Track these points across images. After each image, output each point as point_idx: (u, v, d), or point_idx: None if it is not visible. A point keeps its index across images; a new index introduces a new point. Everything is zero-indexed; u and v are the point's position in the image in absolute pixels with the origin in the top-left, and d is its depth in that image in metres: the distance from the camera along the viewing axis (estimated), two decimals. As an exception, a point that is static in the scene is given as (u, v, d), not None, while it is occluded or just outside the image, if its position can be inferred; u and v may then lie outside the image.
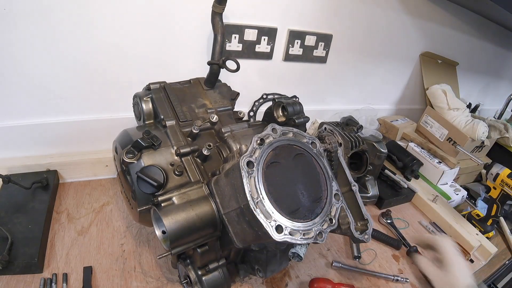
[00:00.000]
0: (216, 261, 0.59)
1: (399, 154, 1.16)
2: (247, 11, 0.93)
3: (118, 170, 0.62)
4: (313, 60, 1.12)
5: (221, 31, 0.72)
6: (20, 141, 0.84)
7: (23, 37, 0.73)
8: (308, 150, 0.51)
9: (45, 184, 0.79)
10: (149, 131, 0.58)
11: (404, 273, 0.79)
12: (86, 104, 0.87)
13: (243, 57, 0.99)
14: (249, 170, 0.44)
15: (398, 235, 0.90)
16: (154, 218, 0.55)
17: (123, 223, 0.79)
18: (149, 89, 0.67)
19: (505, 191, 0.94)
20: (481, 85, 1.77)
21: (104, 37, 0.80)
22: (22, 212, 0.72)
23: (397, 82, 1.43)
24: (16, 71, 0.76)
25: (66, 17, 0.74)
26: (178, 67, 0.92)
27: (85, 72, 0.82)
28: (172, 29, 0.86)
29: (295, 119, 0.68)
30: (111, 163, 0.90)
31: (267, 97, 1.11)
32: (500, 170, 0.94)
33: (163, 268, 0.69)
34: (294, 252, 0.58)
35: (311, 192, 0.48)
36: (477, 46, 1.51)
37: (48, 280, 0.62)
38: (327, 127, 0.80)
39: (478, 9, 1.31)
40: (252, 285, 0.70)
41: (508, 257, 0.93)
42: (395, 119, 1.37)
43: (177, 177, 0.56)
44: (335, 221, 0.49)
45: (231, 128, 0.64)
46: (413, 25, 1.25)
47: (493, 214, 0.97)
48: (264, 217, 0.42)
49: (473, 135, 1.15)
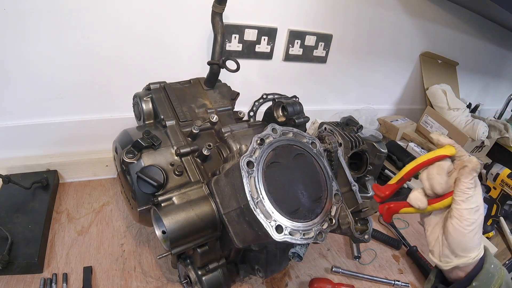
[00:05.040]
0: (216, 261, 0.59)
1: (399, 154, 1.16)
2: (247, 11, 0.93)
3: (118, 170, 0.62)
4: (313, 60, 1.12)
5: (221, 31, 0.72)
6: (20, 141, 0.84)
7: (23, 37, 0.73)
8: (308, 150, 0.51)
9: (45, 184, 0.79)
10: (149, 131, 0.58)
11: (404, 273, 0.80)
12: (86, 104, 0.87)
13: (243, 57, 0.99)
14: (249, 170, 0.44)
15: (398, 235, 0.90)
16: (154, 218, 0.55)
17: (123, 223, 0.79)
18: (149, 89, 0.67)
19: (505, 191, 0.94)
20: (481, 85, 1.77)
21: (104, 37, 0.80)
22: (22, 212, 0.72)
23: (397, 82, 1.43)
24: (16, 71, 0.76)
25: (65, 18, 0.74)
26: (178, 67, 0.92)
27: (85, 72, 0.82)
28: (172, 29, 0.86)
29: (295, 119, 0.68)
30: (111, 163, 0.90)
31: (267, 97, 1.11)
32: (500, 170, 0.94)
33: (163, 268, 0.69)
34: (294, 252, 0.58)
35: (311, 192, 0.48)
36: (477, 46, 1.51)
37: (48, 280, 0.62)
38: (327, 127, 0.80)
39: (478, 9, 1.31)
40: (252, 285, 0.70)
41: (508, 257, 0.93)
42: (395, 119, 1.37)
43: (177, 177, 0.56)
44: (335, 221, 0.49)
45: (231, 128, 0.64)
46: (413, 25, 1.25)
47: (493, 214, 0.97)
48: (264, 217, 0.42)
49: (473, 135, 1.15)
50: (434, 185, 0.45)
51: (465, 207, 0.42)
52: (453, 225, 0.43)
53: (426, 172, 0.46)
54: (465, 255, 0.44)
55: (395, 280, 0.75)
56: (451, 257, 0.45)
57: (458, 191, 0.43)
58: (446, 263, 0.46)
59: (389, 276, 0.78)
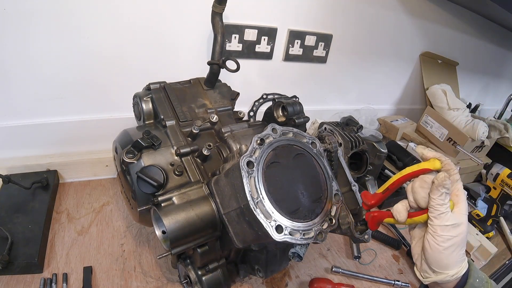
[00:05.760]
0: (216, 261, 0.59)
1: (399, 154, 1.16)
2: (247, 11, 0.93)
3: (118, 170, 0.62)
4: (313, 60, 1.12)
5: (221, 31, 0.72)
6: (20, 141, 0.84)
7: (23, 37, 0.73)
8: (308, 150, 0.51)
9: (45, 184, 0.79)
10: (149, 131, 0.58)
11: (404, 273, 0.80)
12: (86, 104, 0.87)
13: (243, 57, 0.99)
14: (249, 170, 0.44)
15: (398, 235, 0.90)
16: (154, 218, 0.55)
17: (123, 223, 0.79)
18: (149, 89, 0.67)
19: (505, 191, 0.94)
20: (481, 85, 1.77)
21: (104, 37, 0.80)
22: (22, 212, 0.72)
23: (397, 82, 1.43)
24: (16, 71, 0.76)
25: (66, 18, 0.74)
26: (178, 67, 0.92)
27: (85, 72, 0.82)
28: (172, 29, 0.86)
29: (295, 119, 0.68)
30: (111, 163, 0.90)
31: (267, 97, 1.11)
32: (500, 170, 0.94)
33: (163, 268, 0.69)
34: (294, 252, 0.58)
35: (311, 192, 0.48)
36: (477, 46, 1.51)
37: (48, 280, 0.62)
38: (327, 127, 0.80)
39: (478, 9, 1.31)
40: (252, 285, 0.70)
41: (508, 257, 0.93)
42: (395, 119, 1.37)
43: (177, 177, 0.56)
44: (335, 221, 0.49)
45: (231, 128, 0.64)
46: (413, 25, 1.25)
47: (493, 214, 0.97)
48: (264, 217, 0.42)
49: (473, 135, 1.15)
50: (417, 199, 0.45)
51: (438, 224, 0.42)
52: (428, 241, 0.43)
53: (411, 185, 0.46)
54: (443, 271, 0.43)
55: (395, 280, 0.75)
56: (429, 273, 0.45)
57: (430, 207, 0.42)
58: (425, 278, 0.46)
59: (389, 276, 0.78)
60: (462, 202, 0.43)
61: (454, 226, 0.41)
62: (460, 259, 0.43)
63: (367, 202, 0.49)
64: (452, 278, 0.43)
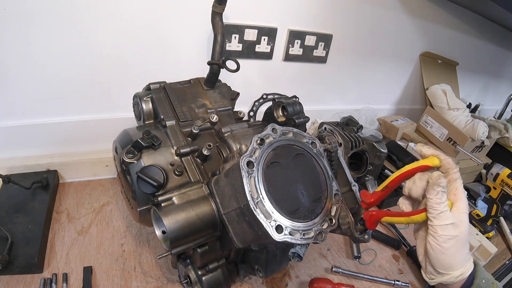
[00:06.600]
0: (216, 261, 0.59)
1: (399, 154, 1.16)
2: (247, 11, 0.93)
3: (118, 170, 0.62)
4: (313, 60, 1.12)
5: (221, 31, 0.71)
6: (20, 141, 0.84)
7: (23, 37, 0.73)
8: (308, 150, 0.51)
9: (45, 184, 0.79)
10: (149, 131, 0.58)
11: (404, 273, 0.80)
12: (86, 104, 0.87)
13: (243, 57, 0.99)
14: (249, 170, 0.44)
15: (398, 235, 0.90)
16: (154, 218, 0.55)
17: (123, 223, 0.79)
18: (149, 89, 0.67)
19: (505, 191, 0.94)
20: (481, 85, 1.77)
21: (105, 37, 0.80)
22: (22, 212, 0.72)
23: (397, 82, 1.43)
24: (16, 71, 0.76)
25: (66, 18, 0.74)
26: (178, 67, 0.92)
27: (85, 72, 0.82)
28: (172, 29, 0.86)
29: (295, 119, 0.68)
30: (111, 163, 0.90)
31: (267, 97, 1.11)
32: (500, 170, 0.94)
33: (163, 268, 0.69)
34: (294, 252, 0.58)
35: (311, 192, 0.48)
36: (477, 46, 1.51)
37: (48, 280, 0.62)
38: (327, 127, 0.80)
39: (478, 9, 1.31)
40: (252, 285, 0.70)
41: (508, 257, 0.93)
42: (395, 119, 1.37)
43: (177, 177, 0.56)
44: (335, 221, 0.49)
45: (231, 128, 0.64)
46: (413, 25, 1.25)
47: (493, 214, 0.97)
48: (264, 217, 0.42)
49: (473, 135, 1.15)
50: (412, 187, 0.45)
51: (437, 223, 0.41)
52: (429, 242, 0.43)
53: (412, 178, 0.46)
54: (447, 272, 0.43)
55: (395, 280, 0.75)
56: (434, 274, 0.44)
57: (428, 208, 0.42)
58: (431, 279, 0.45)
59: (389, 276, 0.78)
60: (460, 201, 0.43)
61: (453, 225, 0.41)
62: (464, 259, 0.43)
63: (365, 200, 0.49)
64: (457, 279, 0.43)
